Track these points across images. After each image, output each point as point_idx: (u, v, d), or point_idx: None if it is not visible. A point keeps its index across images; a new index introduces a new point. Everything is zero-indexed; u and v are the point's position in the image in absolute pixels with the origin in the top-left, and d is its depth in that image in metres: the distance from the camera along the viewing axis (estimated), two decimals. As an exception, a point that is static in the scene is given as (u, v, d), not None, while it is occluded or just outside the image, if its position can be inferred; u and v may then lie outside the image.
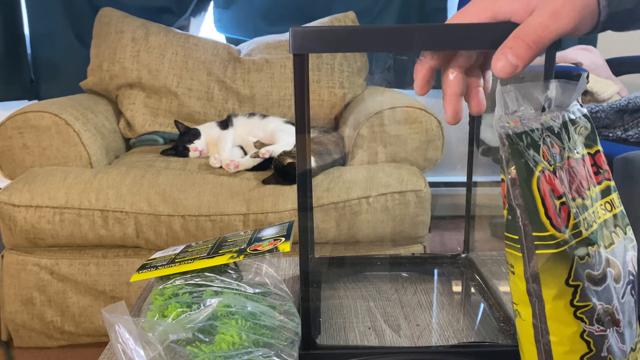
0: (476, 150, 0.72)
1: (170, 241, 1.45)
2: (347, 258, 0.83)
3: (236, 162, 1.59)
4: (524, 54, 0.42)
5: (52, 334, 1.52)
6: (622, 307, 0.42)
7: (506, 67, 0.42)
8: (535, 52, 0.42)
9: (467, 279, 0.74)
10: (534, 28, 0.42)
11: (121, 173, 1.50)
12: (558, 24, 0.42)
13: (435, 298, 0.69)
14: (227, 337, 0.49)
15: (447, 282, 0.75)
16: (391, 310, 0.66)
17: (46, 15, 2.16)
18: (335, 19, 2.10)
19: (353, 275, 0.75)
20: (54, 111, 1.57)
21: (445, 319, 0.64)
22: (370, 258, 0.80)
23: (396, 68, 2.27)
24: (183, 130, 1.83)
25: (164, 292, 0.55)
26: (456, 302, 0.69)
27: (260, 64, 2.04)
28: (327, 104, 2.00)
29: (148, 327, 0.49)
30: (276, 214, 1.43)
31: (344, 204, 1.45)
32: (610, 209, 0.44)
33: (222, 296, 0.53)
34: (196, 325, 0.50)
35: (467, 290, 0.73)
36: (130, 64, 1.95)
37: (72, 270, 1.48)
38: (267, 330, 0.52)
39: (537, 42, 0.42)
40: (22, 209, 1.42)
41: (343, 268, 0.78)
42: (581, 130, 0.44)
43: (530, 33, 0.42)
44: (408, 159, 1.62)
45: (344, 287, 0.72)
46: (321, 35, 0.47)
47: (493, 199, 0.65)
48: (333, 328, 0.62)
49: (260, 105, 2.02)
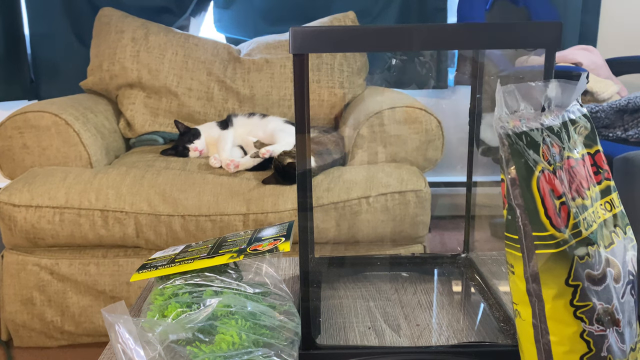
0: (476, 150, 0.72)
1: (170, 241, 1.45)
2: (347, 258, 0.83)
3: (236, 162, 1.59)
4: None
5: (52, 334, 1.52)
6: (621, 306, 0.42)
7: None
8: None
9: (467, 279, 0.74)
10: None
11: (121, 173, 1.50)
12: None
13: (435, 298, 0.69)
14: (227, 337, 0.49)
15: (447, 282, 0.75)
16: (391, 310, 0.66)
17: (46, 15, 2.16)
18: (335, 19, 2.10)
19: (353, 275, 0.75)
20: (54, 111, 1.57)
21: (445, 319, 0.64)
22: (370, 258, 0.80)
23: (396, 68, 2.27)
24: (183, 130, 1.83)
25: (164, 292, 0.55)
26: (456, 302, 0.69)
27: (260, 64, 2.04)
28: (327, 104, 2.00)
29: (148, 327, 0.49)
30: (276, 214, 1.43)
31: (344, 204, 1.45)
32: (610, 208, 0.44)
33: (222, 296, 0.53)
34: (196, 325, 0.50)
35: (467, 290, 0.73)
36: (130, 64, 1.95)
37: (72, 270, 1.48)
38: (267, 330, 0.52)
39: None
40: (22, 209, 1.42)
41: (343, 268, 0.78)
42: (581, 130, 0.44)
43: None
44: (408, 159, 1.62)
45: (344, 287, 0.72)
46: (321, 35, 0.47)
47: (493, 199, 0.65)
48: (333, 328, 0.62)
49: (260, 105, 2.02)
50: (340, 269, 0.78)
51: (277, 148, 1.58)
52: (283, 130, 1.72)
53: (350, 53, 2.05)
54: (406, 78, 2.30)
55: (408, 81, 2.31)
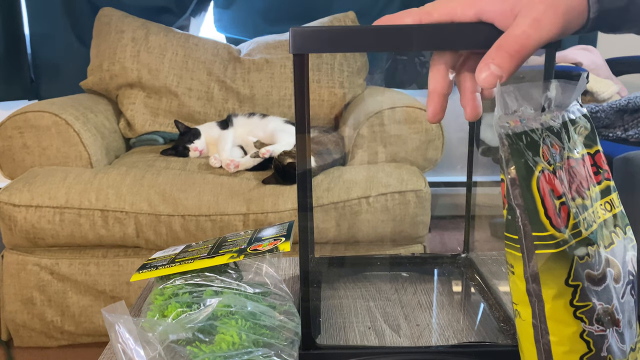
0: (476, 150, 0.72)
1: (170, 241, 1.45)
2: (347, 258, 0.83)
3: (236, 162, 1.59)
4: (507, 65, 0.41)
5: (52, 333, 1.52)
6: (621, 307, 0.42)
7: (489, 78, 0.41)
8: (519, 62, 0.41)
9: (467, 279, 0.74)
10: (515, 38, 0.41)
11: (121, 173, 1.51)
12: (540, 32, 0.41)
13: (435, 298, 0.69)
14: (227, 337, 0.49)
15: (447, 282, 0.75)
16: (391, 310, 0.66)
17: (46, 15, 2.16)
18: (335, 19, 2.10)
19: (353, 275, 0.75)
20: (54, 111, 1.57)
21: (445, 319, 0.64)
22: (370, 258, 0.80)
23: (396, 68, 2.27)
24: (183, 130, 1.83)
25: (164, 292, 0.55)
26: (456, 302, 0.69)
27: (260, 64, 2.04)
28: (327, 104, 2.00)
29: (148, 327, 0.49)
30: (276, 214, 1.43)
31: (344, 204, 1.45)
32: (610, 209, 0.44)
33: (222, 296, 0.53)
34: (196, 325, 0.50)
35: (467, 290, 0.73)
36: (130, 64, 1.95)
37: (72, 270, 1.48)
38: (267, 330, 0.52)
39: (520, 52, 0.41)
40: (22, 209, 1.42)
41: (343, 268, 0.78)
42: (581, 130, 0.44)
43: (513, 43, 0.41)
44: (408, 159, 1.62)
45: (344, 287, 0.72)
46: (321, 35, 0.47)
47: (493, 199, 0.65)
48: (333, 328, 0.62)
49: (260, 105, 2.02)
50: (340, 269, 0.78)
51: (277, 148, 1.58)
52: (283, 130, 1.72)
53: (350, 53, 2.05)
54: (406, 78, 2.30)
55: (408, 81, 2.31)
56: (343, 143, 1.73)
